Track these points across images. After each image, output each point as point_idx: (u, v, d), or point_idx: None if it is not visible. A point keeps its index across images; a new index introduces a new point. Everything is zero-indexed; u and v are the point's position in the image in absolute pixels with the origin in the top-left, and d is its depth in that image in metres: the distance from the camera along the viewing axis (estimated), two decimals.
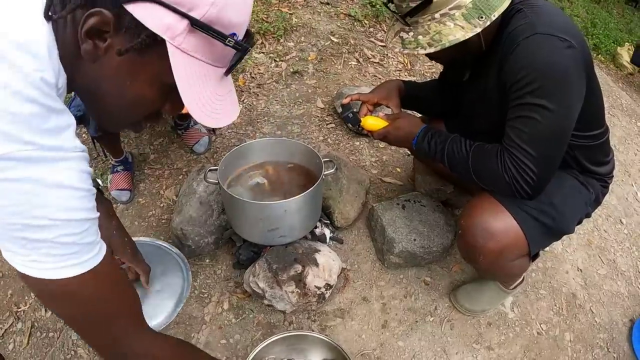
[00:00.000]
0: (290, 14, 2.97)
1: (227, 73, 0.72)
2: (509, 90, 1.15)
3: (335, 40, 2.88)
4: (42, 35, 0.59)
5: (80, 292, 0.67)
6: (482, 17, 1.09)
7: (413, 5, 1.14)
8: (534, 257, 1.41)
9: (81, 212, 0.63)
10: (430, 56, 1.29)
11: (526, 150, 1.14)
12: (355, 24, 3.04)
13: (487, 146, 1.24)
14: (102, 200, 1.09)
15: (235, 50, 0.67)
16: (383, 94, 1.56)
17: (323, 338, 1.42)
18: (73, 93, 1.75)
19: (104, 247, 0.71)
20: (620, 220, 2.26)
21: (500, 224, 1.26)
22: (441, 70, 1.69)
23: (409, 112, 1.66)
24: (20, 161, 0.55)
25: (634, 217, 2.31)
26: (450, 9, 1.11)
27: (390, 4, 1.24)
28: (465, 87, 1.45)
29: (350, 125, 1.47)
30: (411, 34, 1.17)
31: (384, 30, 3.06)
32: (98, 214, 0.68)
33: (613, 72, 4.04)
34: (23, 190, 0.57)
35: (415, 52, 1.17)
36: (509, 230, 1.26)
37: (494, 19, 1.10)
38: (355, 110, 1.53)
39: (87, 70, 0.66)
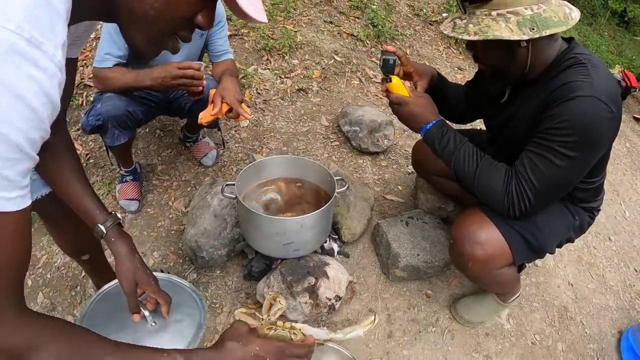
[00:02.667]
0: (295, 31, 3.04)
1: None
2: (542, 129, 1.23)
3: (339, 59, 2.97)
4: None
5: None
6: (533, 29, 1.17)
7: None
8: (519, 267, 1.50)
9: (21, 136, 0.53)
10: (475, 55, 1.37)
11: (533, 184, 1.25)
12: (358, 43, 3.14)
13: (497, 164, 1.34)
14: (123, 235, 1.09)
15: None
16: (420, 69, 1.61)
17: (335, 347, 1.49)
18: (92, 101, 1.76)
19: (28, 202, 0.60)
20: (609, 237, 2.37)
21: (487, 235, 1.38)
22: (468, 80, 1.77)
23: None
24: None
25: (622, 234, 2.43)
26: (508, 13, 1.19)
27: None
28: (492, 104, 1.53)
29: (382, 70, 1.48)
30: (464, 21, 1.25)
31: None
32: (38, 158, 0.58)
33: None
34: None
35: (461, 37, 1.23)
36: (495, 240, 1.37)
37: (544, 34, 1.17)
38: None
39: None
